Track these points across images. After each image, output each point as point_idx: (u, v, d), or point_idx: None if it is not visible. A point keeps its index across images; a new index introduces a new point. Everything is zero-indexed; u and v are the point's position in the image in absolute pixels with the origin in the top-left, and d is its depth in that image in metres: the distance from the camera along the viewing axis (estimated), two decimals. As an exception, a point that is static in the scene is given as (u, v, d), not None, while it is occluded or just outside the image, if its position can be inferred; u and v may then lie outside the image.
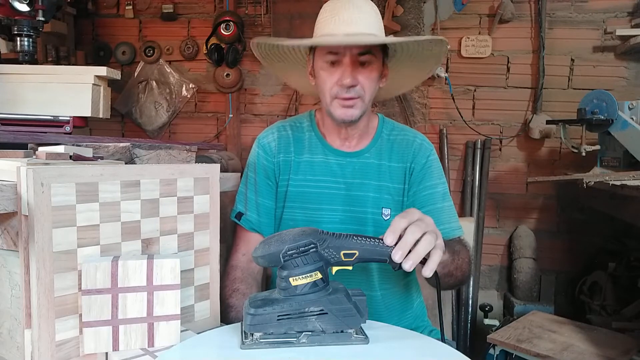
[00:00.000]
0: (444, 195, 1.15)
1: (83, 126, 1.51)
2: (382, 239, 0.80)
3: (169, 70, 2.63)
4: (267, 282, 1.23)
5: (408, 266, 0.75)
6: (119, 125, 2.72)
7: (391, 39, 1.05)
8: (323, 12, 1.08)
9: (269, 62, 1.19)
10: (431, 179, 1.15)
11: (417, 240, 0.76)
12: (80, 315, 0.75)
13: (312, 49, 1.10)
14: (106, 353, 0.77)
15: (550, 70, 2.32)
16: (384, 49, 1.08)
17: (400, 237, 0.76)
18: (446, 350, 0.78)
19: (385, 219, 1.12)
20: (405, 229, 0.77)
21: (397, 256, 0.75)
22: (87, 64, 2.60)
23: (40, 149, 0.89)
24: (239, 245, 1.17)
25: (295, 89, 2.45)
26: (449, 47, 1.12)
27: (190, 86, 2.62)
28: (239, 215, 1.17)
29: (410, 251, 0.76)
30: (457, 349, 0.80)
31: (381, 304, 1.14)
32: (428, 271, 0.77)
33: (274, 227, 1.18)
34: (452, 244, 1.04)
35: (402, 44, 1.07)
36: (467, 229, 1.22)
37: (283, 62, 1.19)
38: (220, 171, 0.96)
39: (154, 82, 2.64)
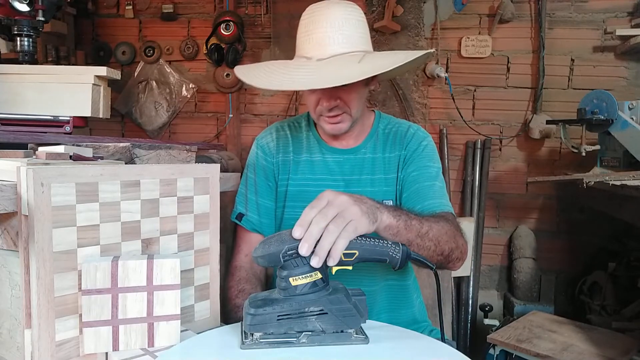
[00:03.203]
0: (435, 176, 1.13)
1: (83, 126, 1.51)
2: (381, 240, 0.80)
3: (169, 70, 2.62)
4: (268, 282, 1.23)
5: (314, 263, 0.70)
6: (119, 125, 2.72)
7: (359, 74, 0.93)
8: (300, 27, 1.05)
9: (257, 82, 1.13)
10: (422, 160, 1.14)
11: (323, 229, 0.71)
12: (80, 315, 0.75)
13: None
14: (106, 353, 0.77)
15: (550, 70, 2.31)
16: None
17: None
18: (446, 350, 0.78)
19: None
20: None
21: (303, 250, 0.70)
22: (87, 64, 2.60)
23: (40, 149, 0.89)
24: (241, 246, 1.17)
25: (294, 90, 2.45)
26: (435, 52, 1.09)
27: (190, 86, 2.62)
28: (240, 216, 1.17)
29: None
30: (457, 349, 0.80)
31: (383, 298, 1.14)
32: (330, 260, 0.71)
33: (275, 227, 1.18)
34: (408, 212, 0.91)
35: (381, 59, 1.01)
36: (467, 229, 1.21)
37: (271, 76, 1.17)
38: (220, 171, 0.96)
39: (154, 82, 2.64)
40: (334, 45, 1.00)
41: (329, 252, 0.71)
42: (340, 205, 0.73)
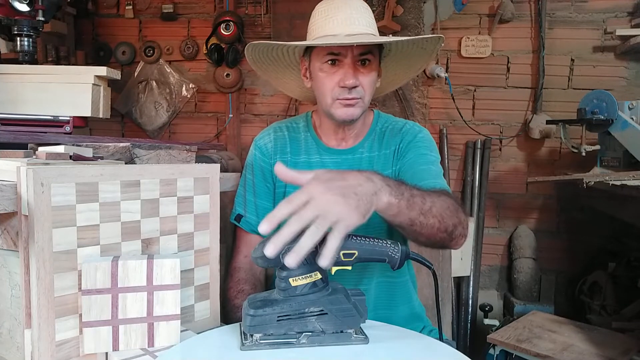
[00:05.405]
0: (432, 162, 1.11)
1: (83, 126, 1.51)
2: (380, 240, 0.80)
3: (169, 70, 2.63)
4: (268, 282, 1.23)
5: (291, 261, 0.66)
6: (119, 125, 2.72)
7: (394, 38, 1.05)
8: (317, 14, 1.08)
9: (260, 66, 1.18)
10: (418, 149, 1.12)
11: (295, 233, 0.66)
12: (80, 315, 0.75)
13: (308, 50, 1.10)
14: (106, 353, 0.77)
15: (550, 70, 2.31)
16: (379, 48, 1.08)
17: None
18: (446, 350, 0.78)
19: None
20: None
21: (268, 251, 0.66)
22: (87, 64, 2.60)
23: (40, 149, 0.89)
24: (240, 247, 1.18)
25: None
26: (442, 44, 1.11)
27: (190, 86, 2.62)
28: (239, 217, 1.17)
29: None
30: (457, 349, 0.80)
31: (379, 297, 1.13)
32: (323, 260, 0.66)
33: (274, 228, 1.18)
34: (411, 187, 0.83)
35: (401, 42, 1.07)
36: (467, 229, 1.20)
37: (275, 65, 1.19)
38: (220, 171, 0.96)
39: (154, 82, 2.64)
40: (360, 25, 1.04)
41: (322, 250, 0.67)
42: (322, 207, 0.67)
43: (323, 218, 0.66)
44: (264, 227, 0.67)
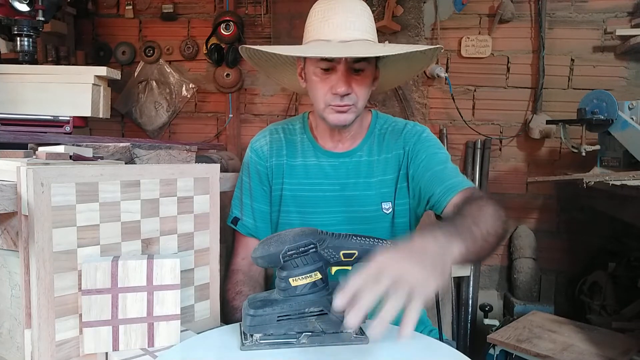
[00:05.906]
0: (445, 160, 1.10)
1: (83, 126, 1.51)
2: (380, 240, 0.80)
3: (169, 70, 2.62)
4: (267, 282, 1.23)
5: (377, 332, 0.60)
6: (119, 125, 2.72)
7: (388, 49, 1.03)
8: (313, 15, 1.07)
9: (257, 62, 1.17)
10: (428, 149, 1.12)
11: (373, 301, 0.61)
12: (80, 315, 0.75)
13: None
14: (106, 353, 0.77)
15: (550, 70, 2.31)
16: None
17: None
18: (446, 350, 0.78)
19: (386, 212, 1.12)
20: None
21: (350, 323, 0.60)
22: (87, 64, 2.60)
23: (40, 149, 0.89)
24: (238, 249, 1.18)
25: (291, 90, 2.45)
26: (442, 50, 1.10)
27: (190, 86, 2.62)
28: (235, 220, 1.17)
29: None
30: (457, 349, 0.80)
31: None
32: (406, 331, 0.60)
33: (271, 231, 1.18)
34: (463, 222, 0.82)
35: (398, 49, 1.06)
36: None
37: (273, 61, 1.18)
38: (220, 171, 0.96)
39: (154, 82, 2.64)
40: (355, 30, 1.02)
41: (402, 324, 0.61)
42: (398, 273, 0.62)
43: (400, 283, 0.61)
44: (340, 303, 0.62)
